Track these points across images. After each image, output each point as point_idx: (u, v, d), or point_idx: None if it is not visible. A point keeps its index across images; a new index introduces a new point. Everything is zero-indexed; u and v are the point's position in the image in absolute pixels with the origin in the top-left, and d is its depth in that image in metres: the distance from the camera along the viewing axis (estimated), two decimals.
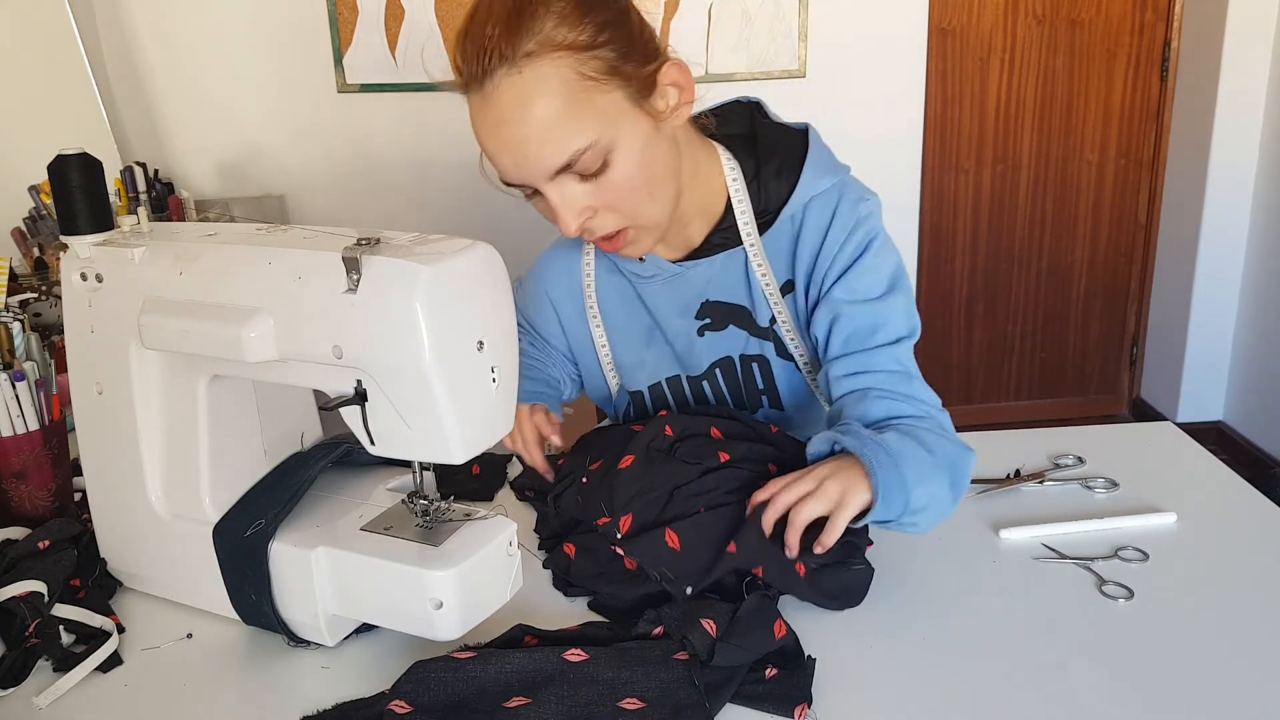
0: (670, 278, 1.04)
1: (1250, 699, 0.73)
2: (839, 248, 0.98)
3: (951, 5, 2.81)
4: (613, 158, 0.87)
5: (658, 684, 0.73)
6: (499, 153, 0.87)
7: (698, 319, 1.05)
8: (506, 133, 0.85)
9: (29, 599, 0.83)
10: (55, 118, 2.37)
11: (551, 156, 0.85)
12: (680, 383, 1.09)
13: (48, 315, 1.51)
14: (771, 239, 1.01)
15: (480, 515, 0.82)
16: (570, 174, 0.87)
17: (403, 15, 2.54)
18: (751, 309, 1.04)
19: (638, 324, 1.09)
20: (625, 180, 0.88)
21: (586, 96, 0.84)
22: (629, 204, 0.91)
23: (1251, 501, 1.02)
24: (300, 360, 0.76)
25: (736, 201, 1.00)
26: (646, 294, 1.06)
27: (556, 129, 0.84)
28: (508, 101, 0.84)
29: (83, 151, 0.84)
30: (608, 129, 0.86)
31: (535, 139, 0.84)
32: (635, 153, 0.88)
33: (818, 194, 1.00)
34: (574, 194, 0.88)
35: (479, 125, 0.87)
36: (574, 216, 0.89)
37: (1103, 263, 3.13)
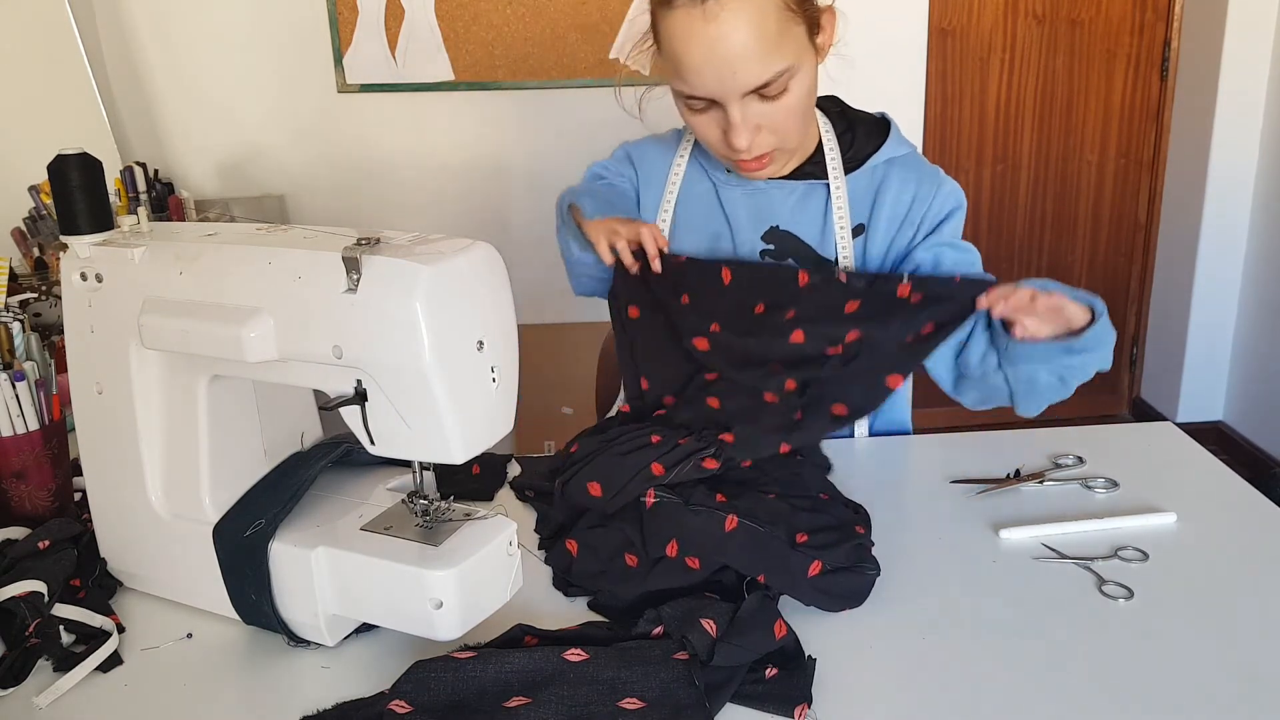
0: (753, 190, 1.14)
1: (1250, 699, 0.73)
2: (933, 197, 1.12)
3: (951, 5, 2.81)
4: (792, 84, 0.99)
5: (658, 684, 0.73)
6: (707, 66, 0.96)
7: (764, 241, 1.14)
8: (723, 48, 0.95)
9: (29, 599, 0.83)
10: (55, 118, 2.37)
11: (758, 74, 0.96)
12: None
13: (48, 315, 1.51)
14: (854, 181, 1.13)
15: (480, 515, 0.82)
16: (757, 94, 0.98)
17: (403, 15, 2.54)
18: (818, 245, 1.13)
19: (709, 227, 1.17)
20: (796, 105, 1.01)
21: (787, 26, 0.97)
22: (788, 127, 1.03)
23: (1251, 501, 1.02)
24: (300, 360, 0.76)
25: (827, 143, 1.14)
26: (727, 200, 1.16)
27: (769, 50, 0.96)
28: (730, 18, 0.93)
29: (83, 151, 0.84)
30: (797, 57, 0.98)
31: (749, 57, 0.95)
32: (807, 82, 1.02)
33: (899, 156, 1.14)
34: (753, 113, 1.00)
35: (689, 38, 0.95)
36: (749, 133, 1.01)
37: (1103, 263, 3.13)
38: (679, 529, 0.86)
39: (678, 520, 0.87)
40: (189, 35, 2.54)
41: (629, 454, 0.95)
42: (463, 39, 2.56)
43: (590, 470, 0.93)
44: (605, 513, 0.92)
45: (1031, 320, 0.95)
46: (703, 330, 1.00)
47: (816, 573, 0.84)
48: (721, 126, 1.02)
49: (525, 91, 2.62)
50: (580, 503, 0.93)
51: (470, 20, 2.55)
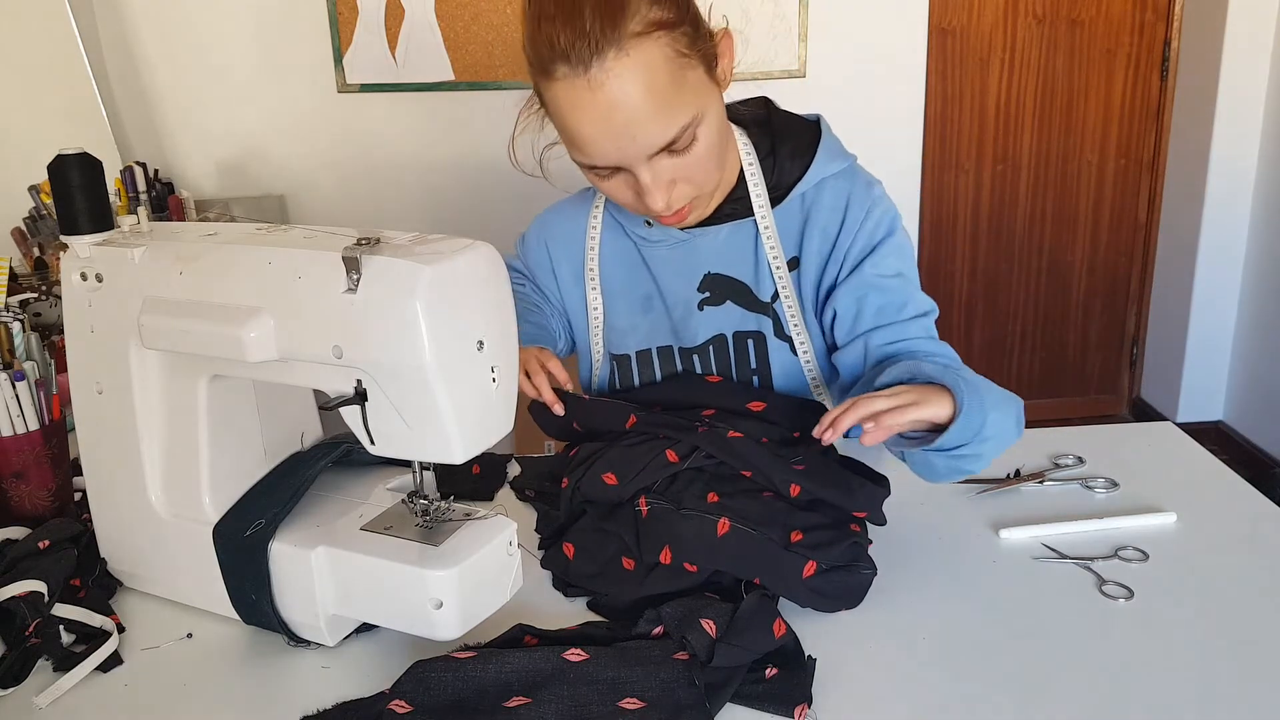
0: (676, 244, 1.06)
1: (1250, 699, 0.73)
2: (859, 226, 1.02)
3: (951, 5, 2.81)
4: (700, 131, 0.90)
5: (658, 684, 0.73)
6: (602, 136, 0.87)
7: (699, 291, 1.07)
8: (618, 116, 0.85)
9: (29, 599, 0.82)
10: (55, 118, 2.37)
11: (660, 135, 0.87)
12: (672, 353, 1.10)
13: (48, 315, 1.51)
14: (781, 214, 1.04)
15: (480, 515, 0.82)
16: (664, 152, 0.89)
17: (403, 15, 2.54)
18: (754, 284, 1.06)
19: (638, 289, 1.10)
20: (707, 151, 0.91)
21: (682, 73, 0.87)
22: (703, 174, 0.94)
23: (1251, 501, 1.02)
24: (300, 360, 0.76)
25: (750, 174, 1.02)
26: (651, 259, 1.08)
27: (667, 108, 0.86)
28: (619, 84, 0.84)
29: (83, 151, 0.84)
30: (699, 103, 0.89)
31: (646, 119, 0.86)
32: (714, 124, 0.91)
33: (829, 175, 1.03)
34: (663, 170, 0.91)
35: (578, 110, 0.86)
36: (664, 192, 0.91)
37: (1103, 262, 3.13)
38: (672, 536, 0.86)
39: (670, 527, 0.86)
40: (189, 35, 2.54)
41: (640, 444, 0.95)
42: (463, 39, 2.56)
43: (604, 463, 0.94)
44: (618, 503, 0.91)
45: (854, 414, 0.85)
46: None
47: (811, 573, 0.84)
48: (633, 189, 0.93)
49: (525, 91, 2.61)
50: (595, 495, 0.93)
51: (470, 20, 2.55)
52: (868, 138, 2.84)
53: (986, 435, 0.86)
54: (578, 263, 1.12)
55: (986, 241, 3.07)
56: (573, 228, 1.13)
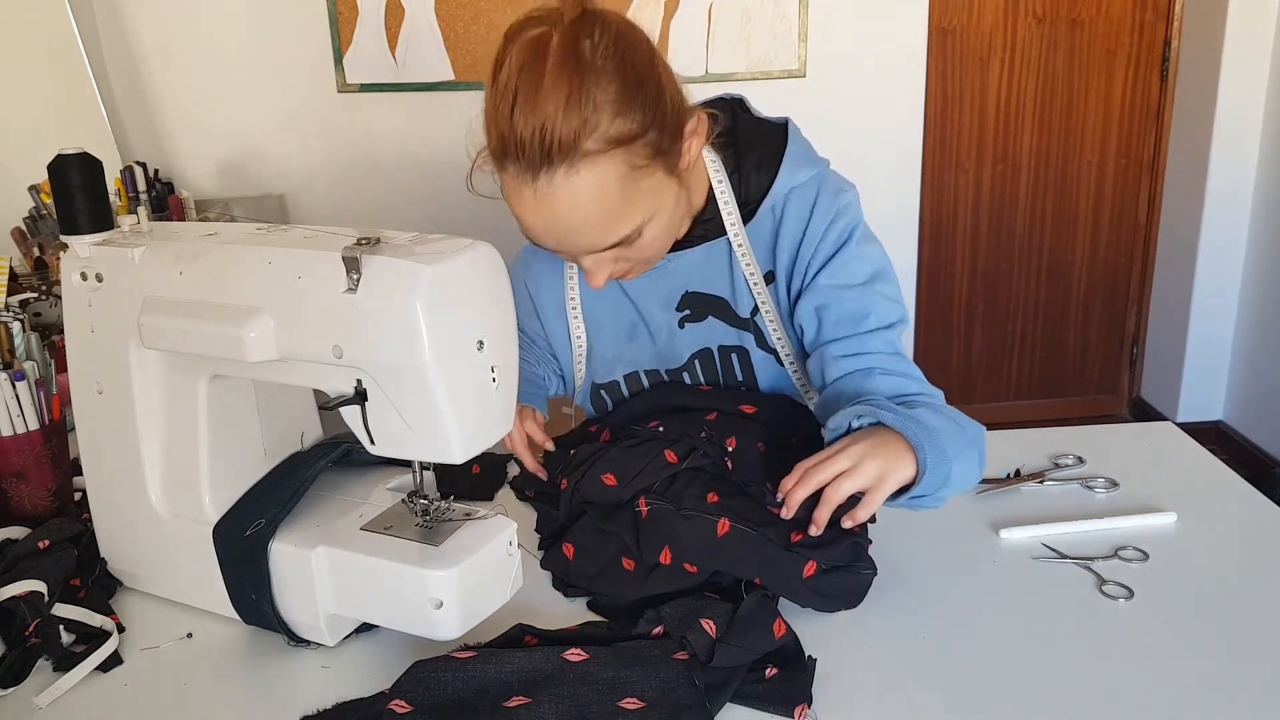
0: (651, 271, 1.04)
1: (1250, 699, 0.73)
2: (820, 237, 0.99)
3: (951, 5, 2.81)
4: (647, 229, 0.89)
5: (658, 684, 0.73)
6: (544, 234, 0.87)
7: (678, 310, 1.06)
8: (561, 225, 0.85)
9: (29, 598, 0.82)
10: (55, 118, 2.37)
11: (602, 242, 0.88)
12: (659, 376, 1.10)
13: (48, 315, 1.51)
14: (754, 230, 1.02)
15: (480, 515, 0.82)
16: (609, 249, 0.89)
17: (403, 15, 2.54)
18: (732, 299, 1.04)
19: (621, 318, 1.10)
20: (653, 241, 0.92)
21: (635, 185, 0.85)
22: (650, 255, 0.94)
23: (1251, 501, 1.02)
24: (300, 360, 0.76)
25: (719, 193, 1.01)
26: (630, 286, 1.07)
27: (612, 220, 0.86)
28: (566, 197, 0.83)
29: (83, 151, 0.84)
30: (651, 206, 0.88)
31: (589, 230, 0.86)
32: (665, 218, 0.91)
33: (797, 185, 1.00)
34: (606, 259, 0.92)
35: (523, 207, 0.86)
36: (604, 274, 0.93)
37: (1103, 263, 3.13)
38: (672, 536, 0.86)
39: (670, 527, 0.86)
40: (189, 35, 2.54)
41: (639, 445, 0.95)
42: (463, 39, 2.56)
43: (603, 464, 0.94)
44: (617, 504, 0.92)
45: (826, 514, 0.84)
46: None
47: (811, 573, 0.84)
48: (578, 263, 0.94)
49: None
50: (594, 496, 0.93)
51: (470, 20, 2.55)
52: (868, 138, 2.86)
53: (950, 484, 0.86)
54: (559, 295, 1.12)
55: (986, 242, 3.07)
56: (551, 266, 1.11)
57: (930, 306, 3.07)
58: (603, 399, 1.13)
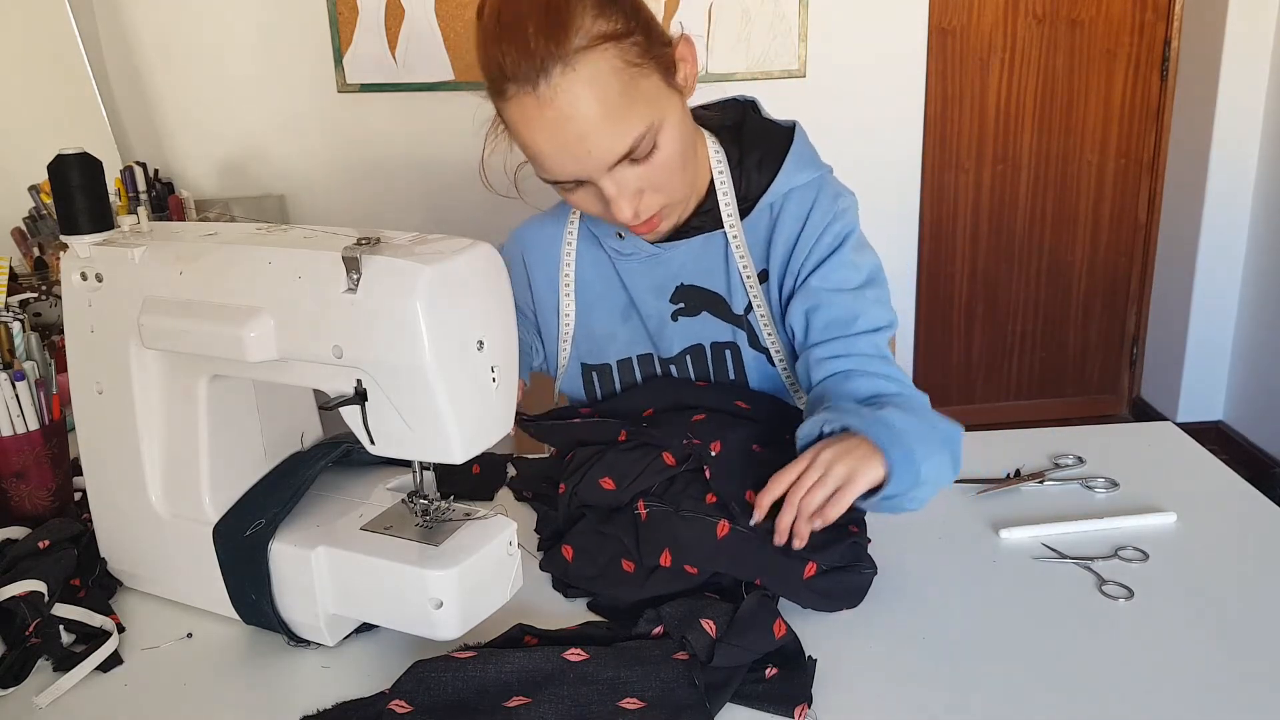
0: (647, 258, 1.05)
1: (1250, 699, 0.73)
2: (815, 239, 1.00)
3: (951, 5, 2.81)
4: (660, 138, 0.89)
5: (658, 684, 0.73)
6: (559, 151, 0.87)
7: (672, 302, 1.07)
8: (571, 129, 0.85)
9: (29, 598, 0.82)
10: (55, 118, 2.37)
11: (616, 146, 0.87)
12: (652, 361, 1.10)
13: (48, 315, 1.51)
14: (749, 226, 1.03)
15: (480, 515, 0.82)
16: (625, 161, 0.89)
17: (403, 15, 2.54)
18: (727, 296, 1.05)
19: (615, 300, 1.10)
20: (670, 158, 0.91)
21: (634, 82, 0.86)
22: (670, 181, 0.93)
23: (1251, 501, 1.02)
24: (300, 360, 0.76)
25: (719, 184, 1.02)
26: (624, 272, 1.08)
27: (619, 118, 0.86)
28: (568, 99, 0.84)
29: (83, 151, 0.84)
30: (656, 110, 0.88)
31: (600, 131, 0.86)
32: (676, 129, 0.91)
33: (797, 186, 1.01)
34: (627, 180, 0.90)
35: (532, 127, 0.86)
36: (630, 202, 0.91)
37: (1103, 263, 3.13)
38: (671, 538, 0.86)
39: (669, 529, 0.86)
40: (189, 35, 2.54)
41: (635, 448, 0.95)
42: (463, 39, 2.56)
43: (601, 467, 0.94)
44: (616, 507, 0.92)
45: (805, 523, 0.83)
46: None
47: (812, 574, 0.84)
48: (600, 200, 0.93)
49: None
50: (593, 500, 0.93)
51: (470, 20, 2.54)
52: (868, 138, 2.86)
53: (921, 482, 0.85)
54: (553, 271, 1.12)
55: (986, 242, 3.07)
56: (548, 239, 1.12)
57: (930, 306, 3.07)
58: (593, 382, 1.13)
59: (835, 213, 1.00)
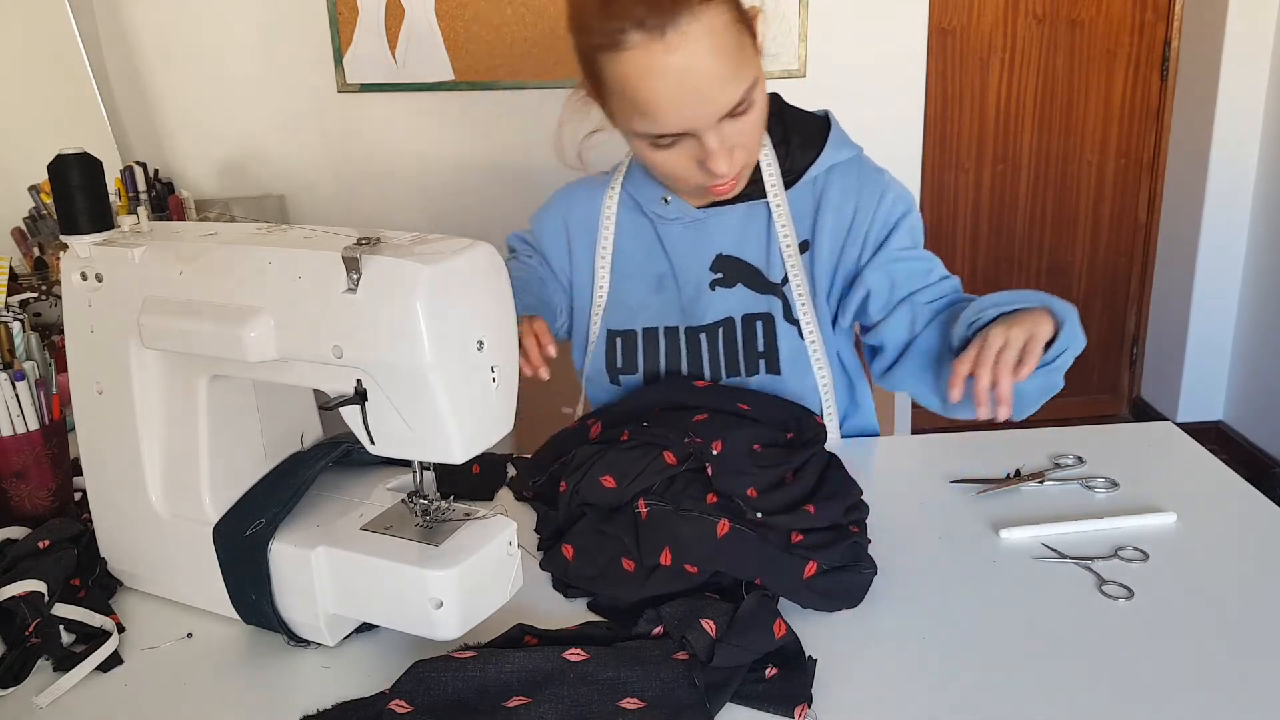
0: (691, 222, 1.10)
1: (1250, 699, 0.73)
2: (875, 208, 1.08)
3: (951, 5, 2.81)
4: (755, 95, 0.95)
5: (658, 684, 0.73)
6: (676, 100, 0.91)
7: (711, 270, 1.11)
8: (690, 79, 0.90)
9: (29, 598, 0.82)
10: (55, 118, 2.37)
11: (730, 96, 0.92)
12: (678, 334, 1.12)
13: (48, 315, 1.51)
14: (793, 198, 1.09)
15: (480, 515, 0.82)
16: (728, 116, 0.94)
17: (403, 15, 2.54)
18: (764, 268, 1.10)
19: (651, 269, 1.14)
20: (760, 116, 0.98)
21: (740, 38, 0.93)
22: (756, 139, 1.00)
23: (1251, 501, 1.02)
24: (300, 360, 0.76)
25: (764, 157, 1.08)
26: (666, 236, 1.12)
27: (732, 70, 0.92)
28: (693, 48, 0.89)
29: (83, 151, 0.84)
30: (754, 68, 0.95)
31: (717, 82, 0.91)
32: (763, 90, 0.98)
33: (839, 162, 1.09)
34: (729, 134, 0.96)
35: (653, 75, 0.90)
36: (728, 157, 0.96)
37: (1103, 263, 3.13)
38: (672, 538, 0.86)
39: (670, 528, 0.86)
40: (189, 35, 2.54)
41: (636, 448, 0.95)
42: (463, 39, 2.56)
43: (601, 466, 0.94)
44: (617, 506, 0.92)
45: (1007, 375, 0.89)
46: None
47: (812, 574, 0.84)
48: (696, 156, 0.97)
49: (525, 91, 2.62)
50: (593, 499, 0.93)
51: (470, 20, 2.55)
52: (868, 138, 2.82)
53: (1076, 339, 0.94)
54: (592, 239, 1.16)
55: (986, 241, 3.07)
56: (590, 205, 1.17)
57: None
58: (616, 350, 1.15)
59: (884, 183, 1.09)
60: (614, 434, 1.00)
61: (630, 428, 0.99)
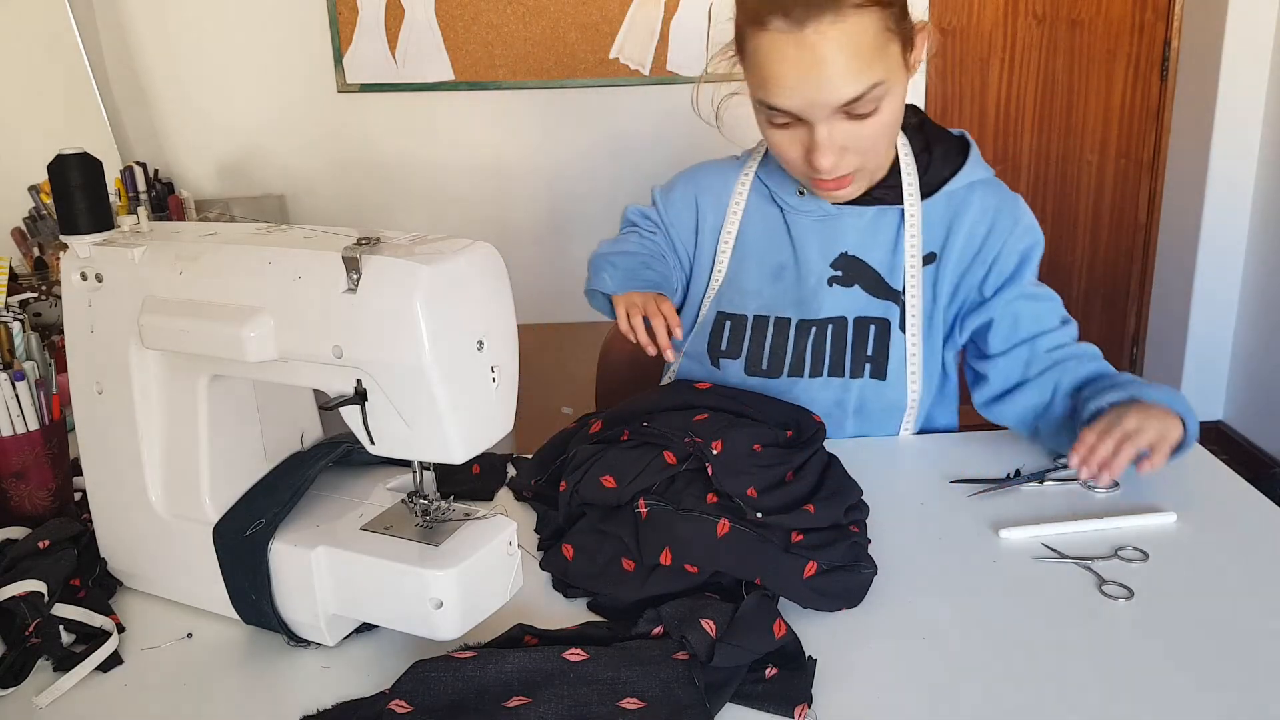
0: (822, 217, 1.12)
1: (1250, 699, 0.73)
2: (1009, 233, 1.10)
3: (951, 5, 2.81)
4: (883, 103, 0.97)
5: (658, 684, 0.73)
6: (795, 84, 0.95)
7: (832, 268, 1.12)
8: (819, 71, 0.94)
9: (29, 599, 0.82)
10: (55, 118, 2.37)
11: (846, 91, 0.95)
12: (788, 326, 1.14)
13: (48, 315, 1.51)
14: (928, 208, 1.10)
15: (480, 515, 0.82)
16: (844, 112, 0.97)
17: (403, 15, 2.54)
18: (888, 272, 1.11)
19: (773, 257, 1.15)
20: (885, 124, 0.99)
21: (883, 46, 0.95)
22: (875, 148, 1.02)
23: (1251, 501, 1.02)
24: (300, 360, 0.76)
25: (905, 165, 1.10)
26: (795, 227, 1.14)
27: (858, 70, 0.94)
28: (826, 47, 0.92)
29: (83, 151, 0.84)
30: (889, 75, 0.97)
31: (840, 78, 0.94)
32: (897, 101, 1.00)
33: (978, 180, 1.10)
34: (840, 132, 0.98)
35: (783, 60, 0.94)
36: (834, 154, 0.99)
37: (1103, 263, 3.13)
38: (672, 537, 0.86)
39: (670, 528, 0.86)
40: (189, 35, 2.54)
41: (636, 447, 0.95)
42: (463, 39, 2.56)
43: (602, 465, 0.94)
44: (616, 505, 0.92)
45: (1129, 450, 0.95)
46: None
47: (812, 574, 0.84)
48: (804, 145, 1.00)
49: (525, 91, 2.62)
50: (593, 498, 0.93)
51: (470, 20, 2.55)
52: None
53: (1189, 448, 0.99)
54: (719, 220, 1.18)
55: None
56: (722, 186, 1.19)
57: None
58: (723, 332, 1.16)
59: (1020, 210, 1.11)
60: (614, 433, 1.00)
61: (630, 427, 0.99)
